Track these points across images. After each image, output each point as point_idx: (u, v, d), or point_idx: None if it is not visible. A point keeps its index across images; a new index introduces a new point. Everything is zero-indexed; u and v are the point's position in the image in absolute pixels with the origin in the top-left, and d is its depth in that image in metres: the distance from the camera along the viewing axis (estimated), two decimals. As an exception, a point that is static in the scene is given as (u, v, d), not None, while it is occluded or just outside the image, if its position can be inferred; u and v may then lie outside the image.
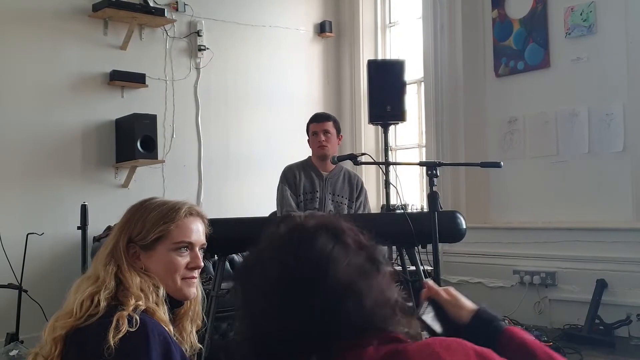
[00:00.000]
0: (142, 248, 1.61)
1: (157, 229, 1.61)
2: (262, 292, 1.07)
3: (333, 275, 1.04)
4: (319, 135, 4.00)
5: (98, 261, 1.61)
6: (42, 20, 4.67)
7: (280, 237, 1.11)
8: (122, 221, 1.66)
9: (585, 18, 4.65)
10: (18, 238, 4.05)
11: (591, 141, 4.63)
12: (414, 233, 3.28)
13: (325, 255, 1.06)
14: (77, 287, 1.57)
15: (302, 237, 1.09)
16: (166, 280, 1.61)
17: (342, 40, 6.41)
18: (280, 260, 1.07)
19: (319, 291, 1.03)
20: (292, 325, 1.04)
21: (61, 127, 4.72)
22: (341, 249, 1.08)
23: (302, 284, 1.04)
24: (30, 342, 3.77)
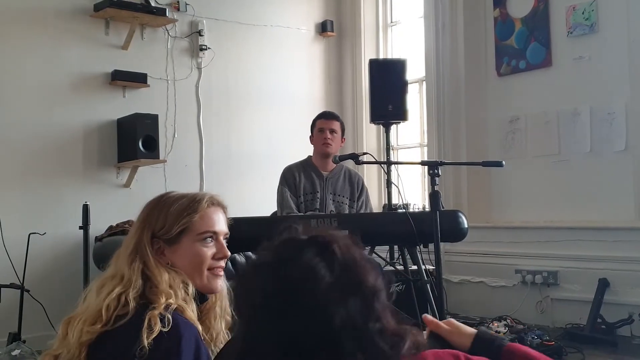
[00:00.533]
0: (167, 242, 1.58)
1: (181, 221, 1.58)
2: (250, 305, 1.05)
3: (310, 296, 1.00)
4: (325, 132, 3.98)
5: (120, 260, 1.56)
6: (43, 20, 4.68)
7: (269, 252, 1.09)
8: (142, 217, 1.63)
9: (587, 17, 4.64)
10: (20, 238, 4.06)
11: (593, 140, 4.62)
12: (416, 232, 3.29)
13: (303, 277, 1.02)
14: (100, 288, 1.52)
15: (287, 255, 1.06)
16: (193, 273, 1.59)
17: (343, 40, 6.41)
18: (262, 277, 1.05)
19: (295, 310, 1.00)
20: (272, 340, 1.01)
21: (63, 127, 4.73)
22: (324, 268, 1.02)
23: (278, 304, 1.01)
24: (32, 342, 3.78)
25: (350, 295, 1.00)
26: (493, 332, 4.06)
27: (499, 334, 4.02)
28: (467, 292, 5.12)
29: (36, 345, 3.69)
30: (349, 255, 1.05)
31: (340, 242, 1.06)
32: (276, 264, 1.05)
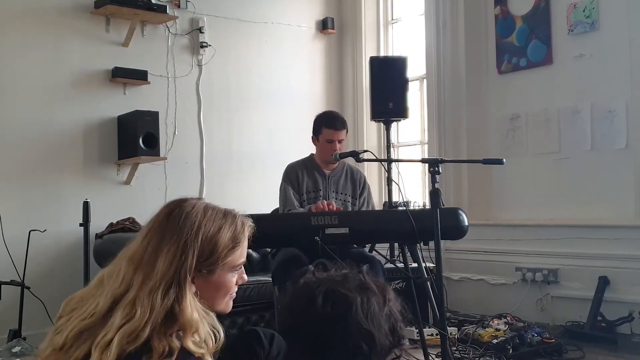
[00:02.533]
0: (208, 272, 1.45)
1: (229, 255, 1.47)
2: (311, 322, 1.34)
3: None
4: (334, 144, 3.88)
5: (151, 285, 1.37)
6: (44, 18, 4.67)
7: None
8: (188, 235, 1.43)
9: (588, 15, 4.64)
10: (20, 235, 4.06)
11: (594, 138, 4.62)
12: (416, 230, 3.28)
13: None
14: (108, 311, 1.36)
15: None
16: (216, 300, 1.49)
17: (344, 37, 6.40)
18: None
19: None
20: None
21: (63, 124, 4.73)
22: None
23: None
24: (32, 339, 3.78)
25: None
26: (493, 329, 4.06)
27: (499, 331, 4.02)
28: (467, 290, 5.12)
29: (37, 342, 3.69)
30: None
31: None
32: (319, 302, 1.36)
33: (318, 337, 1.31)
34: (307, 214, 3.58)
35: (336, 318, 1.31)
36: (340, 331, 1.30)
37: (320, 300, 1.33)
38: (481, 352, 3.81)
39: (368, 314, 1.31)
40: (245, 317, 4.48)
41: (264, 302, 4.44)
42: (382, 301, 1.36)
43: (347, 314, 1.30)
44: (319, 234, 3.22)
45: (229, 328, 4.42)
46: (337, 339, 1.30)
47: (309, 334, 1.33)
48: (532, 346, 3.86)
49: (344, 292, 1.33)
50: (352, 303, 1.31)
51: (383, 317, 1.33)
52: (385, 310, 1.35)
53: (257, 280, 4.55)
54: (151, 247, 1.42)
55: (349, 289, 1.34)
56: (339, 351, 1.29)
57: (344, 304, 1.31)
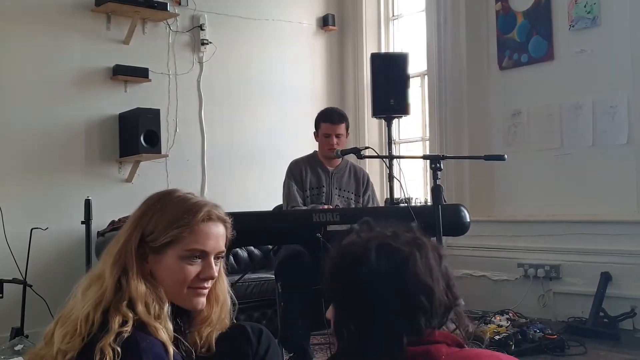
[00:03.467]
0: (151, 250, 1.47)
1: (169, 232, 1.46)
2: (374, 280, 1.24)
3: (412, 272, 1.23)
4: (332, 138, 3.90)
5: (107, 257, 1.48)
6: (45, 16, 4.67)
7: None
8: (137, 214, 1.52)
9: (589, 10, 4.63)
10: (22, 233, 4.06)
11: (595, 134, 4.62)
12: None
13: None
14: (86, 288, 1.45)
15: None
16: (171, 289, 1.48)
17: (345, 34, 6.39)
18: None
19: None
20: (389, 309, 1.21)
21: (65, 122, 4.73)
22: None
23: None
24: (35, 337, 3.78)
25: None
26: (496, 325, 4.06)
27: (501, 327, 4.02)
28: (469, 286, 5.11)
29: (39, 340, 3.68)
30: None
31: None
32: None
33: (373, 296, 1.21)
34: (308, 211, 3.58)
35: (393, 272, 1.21)
36: (398, 286, 1.20)
37: (373, 255, 1.23)
38: (483, 348, 3.81)
39: (426, 267, 1.23)
40: (248, 314, 4.48)
41: (266, 299, 4.45)
42: (438, 256, 1.29)
43: (405, 266, 1.22)
44: (320, 230, 3.22)
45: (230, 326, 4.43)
46: (394, 296, 1.20)
47: (362, 294, 1.22)
48: (534, 342, 3.86)
49: (398, 246, 1.25)
50: (409, 257, 1.23)
51: (440, 272, 1.26)
52: (442, 265, 1.28)
53: (259, 277, 4.55)
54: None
55: (402, 243, 1.26)
56: (396, 310, 1.20)
57: (400, 257, 1.23)
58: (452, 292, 1.27)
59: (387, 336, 1.21)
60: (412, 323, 1.20)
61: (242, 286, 4.38)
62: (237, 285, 4.20)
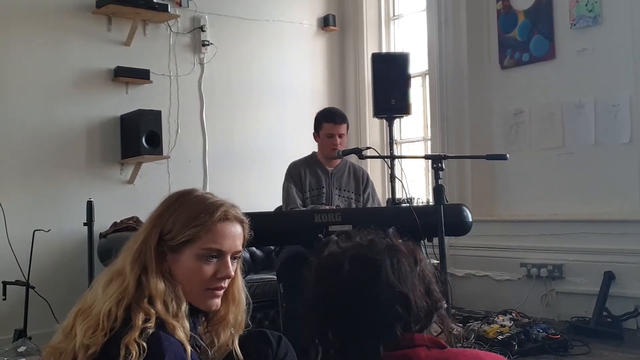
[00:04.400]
0: (169, 249, 1.50)
1: (187, 231, 1.48)
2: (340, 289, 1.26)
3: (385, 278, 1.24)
4: (335, 138, 3.90)
5: (127, 254, 1.49)
6: (46, 17, 4.67)
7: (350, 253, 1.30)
8: (157, 213, 1.54)
9: (591, 9, 4.62)
10: (25, 235, 4.07)
11: (597, 133, 4.61)
12: (420, 226, 3.27)
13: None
14: (107, 283, 1.46)
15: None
16: (189, 287, 1.50)
17: (346, 34, 6.39)
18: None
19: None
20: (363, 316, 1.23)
21: (66, 124, 4.73)
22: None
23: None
24: (38, 339, 3.78)
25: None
26: (499, 325, 4.05)
27: (504, 327, 4.02)
28: (472, 286, 5.11)
29: (42, 341, 3.68)
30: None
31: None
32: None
33: (349, 307, 1.23)
34: (310, 212, 3.57)
35: (366, 283, 1.23)
36: (372, 297, 1.22)
37: (347, 267, 1.25)
38: (486, 348, 3.80)
39: (400, 275, 1.24)
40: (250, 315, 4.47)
41: (268, 299, 4.44)
42: (413, 261, 1.29)
43: (377, 277, 1.23)
44: (322, 231, 3.22)
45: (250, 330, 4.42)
46: (370, 306, 1.22)
47: (339, 306, 1.24)
48: (537, 342, 3.85)
49: (372, 255, 1.26)
50: (381, 265, 1.24)
51: (416, 278, 1.26)
52: (417, 270, 1.28)
53: (261, 278, 4.55)
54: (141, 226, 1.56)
55: (377, 252, 1.27)
56: (374, 319, 1.21)
57: (373, 267, 1.24)
58: (432, 296, 1.29)
59: (364, 345, 1.22)
60: (389, 331, 1.21)
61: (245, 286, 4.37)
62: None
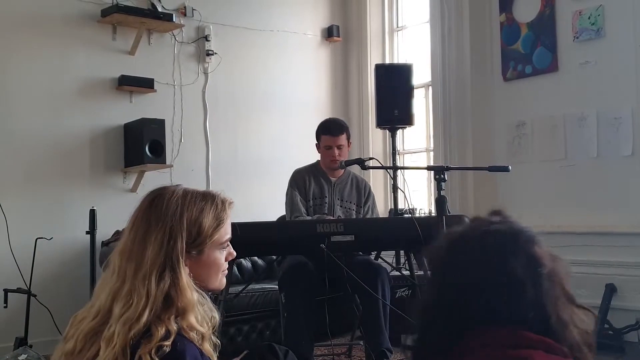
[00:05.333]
0: (197, 253, 1.52)
1: (215, 233, 1.54)
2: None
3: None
4: (333, 150, 3.91)
5: (142, 273, 1.43)
6: (50, 26, 4.70)
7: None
8: (173, 220, 1.49)
9: (594, 22, 4.64)
10: (27, 242, 4.08)
11: (600, 145, 4.61)
12: (422, 237, 3.28)
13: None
14: (122, 308, 1.40)
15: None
16: (210, 279, 1.56)
17: (349, 45, 6.41)
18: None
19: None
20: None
21: (70, 132, 4.75)
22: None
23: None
24: (39, 347, 3.79)
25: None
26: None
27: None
28: (473, 297, 5.10)
29: (43, 350, 3.70)
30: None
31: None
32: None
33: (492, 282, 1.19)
34: (312, 221, 3.58)
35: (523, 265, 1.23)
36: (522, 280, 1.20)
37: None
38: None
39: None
40: (251, 324, 4.48)
41: (269, 309, 4.44)
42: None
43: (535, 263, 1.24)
44: (324, 241, 3.22)
45: (235, 336, 4.43)
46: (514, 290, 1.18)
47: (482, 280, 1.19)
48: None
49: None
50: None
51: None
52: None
53: (263, 287, 4.56)
54: (139, 237, 1.48)
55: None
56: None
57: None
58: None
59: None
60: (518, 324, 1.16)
61: (246, 296, 4.38)
62: (241, 296, 4.21)
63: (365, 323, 3.64)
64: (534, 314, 1.16)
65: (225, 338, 4.26)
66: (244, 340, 4.42)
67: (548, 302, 1.18)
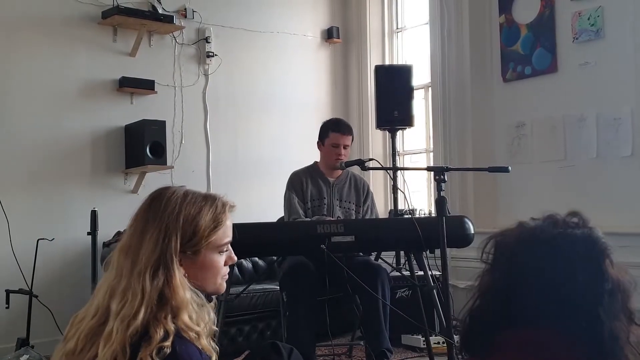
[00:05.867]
0: (187, 255, 1.51)
1: (212, 235, 1.53)
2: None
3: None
4: (340, 148, 3.93)
5: (137, 269, 1.44)
6: (51, 28, 4.72)
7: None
8: (165, 222, 1.49)
9: (593, 23, 4.65)
10: (28, 243, 4.09)
11: (599, 146, 4.63)
12: (422, 238, 3.29)
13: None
14: (119, 305, 1.40)
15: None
16: (207, 282, 1.55)
17: (349, 46, 6.43)
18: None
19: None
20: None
21: (71, 134, 4.76)
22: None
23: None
24: (40, 347, 3.80)
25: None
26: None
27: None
28: (473, 298, 5.10)
29: (45, 350, 3.71)
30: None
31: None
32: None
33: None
34: (313, 222, 3.59)
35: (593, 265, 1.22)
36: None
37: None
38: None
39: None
40: (252, 325, 4.49)
41: (270, 310, 4.46)
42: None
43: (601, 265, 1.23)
44: (325, 242, 3.23)
45: (236, 336, 4.44)
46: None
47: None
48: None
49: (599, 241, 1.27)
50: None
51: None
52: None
53: (264, 288, 4.57)
54: (136, 234, 1.49)
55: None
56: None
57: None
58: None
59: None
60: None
61: (247, 297, 4.39)
62: (242, 296, 4.22)
63: (365, 323, 3.65)
64: (587, 324, 1.14)
65: (227, 338, 4.28)
66: (245, 340, 4.43)
67: (605, 316, 1.15)
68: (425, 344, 3.66)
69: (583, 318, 1.14)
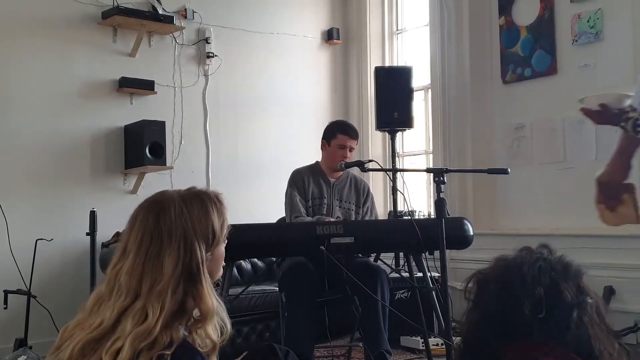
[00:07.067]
0: (211, 254, 1.56)
1: (223, 229, 1.58)
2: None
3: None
4: (346, 150, 3.92)
5: (160, 286, 1.42)
6: (51, 28, 4.71)
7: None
8: (186, 232, 1.49)
9: (592, 25, 4.65)
10: (27, 244, 4.08)
11: (598, 148, 4.63)
12: (421, 239, 3.29)
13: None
14: (133, 324, 1.39)
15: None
16: (217, 272, 1.60)
17: (349, 47, 6.43)
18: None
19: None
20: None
21: (70, 134, 4.76)
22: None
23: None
24: (38, 348, 3.79)
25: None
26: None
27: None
28: (472, 300, 5.10)
29: (43, 351, 3.69)
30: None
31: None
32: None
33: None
34: (312, 223, 3.58)
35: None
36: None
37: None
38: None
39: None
40: (251, 326, 4.49)
41: (269, 311, 4.45)
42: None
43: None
44: (324, 243, 3.23)
45: (235, 337, 4.43)
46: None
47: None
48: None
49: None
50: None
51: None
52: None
53: (263, 289, 4.56)
54: (152, 254, 1.46)
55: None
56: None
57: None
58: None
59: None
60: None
61: (246, 298, 4.39)
62: (240, 297, 4.22)
63: (364, 325, 3.64)
64: (574, 336, 1.26)
65: (225, 339, 4.27)
66: (243, 341, 4.42)
67: (590, 327, 1.29)
68: (424, 346, 3.66)
69: (570, 330, 1.27)
